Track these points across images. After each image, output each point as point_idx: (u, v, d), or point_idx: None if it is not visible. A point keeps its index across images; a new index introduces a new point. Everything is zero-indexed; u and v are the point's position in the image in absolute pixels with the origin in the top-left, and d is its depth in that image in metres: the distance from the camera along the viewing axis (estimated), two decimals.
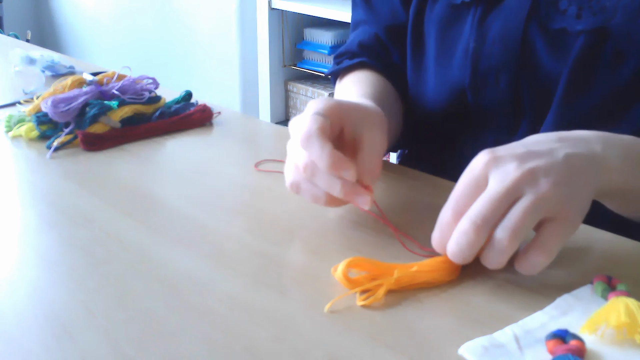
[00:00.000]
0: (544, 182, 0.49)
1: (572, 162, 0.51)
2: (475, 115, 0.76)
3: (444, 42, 0.77)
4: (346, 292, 0.50)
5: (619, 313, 0.44)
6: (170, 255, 0.56)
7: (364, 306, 0.49)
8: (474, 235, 0.49)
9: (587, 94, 0.67)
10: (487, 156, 0.51)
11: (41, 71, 1.03)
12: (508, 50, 0.70)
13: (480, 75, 0.73)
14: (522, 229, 0.48)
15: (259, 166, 0.73)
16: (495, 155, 0.51)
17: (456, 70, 0.75)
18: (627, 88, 0.66)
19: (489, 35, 0.71)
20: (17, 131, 0.81)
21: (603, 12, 0.65)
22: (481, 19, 0.72)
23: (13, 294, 0.51)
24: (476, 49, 0.72)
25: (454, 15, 0.75)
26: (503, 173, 0.50)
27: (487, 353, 0.43)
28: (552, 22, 0.67)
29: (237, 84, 2.79)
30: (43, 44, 3.07)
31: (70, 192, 0.68)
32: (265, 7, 2.55)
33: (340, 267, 0.51)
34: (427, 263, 0.52)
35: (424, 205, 0.65)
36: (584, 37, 0.66)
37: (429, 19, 0.79)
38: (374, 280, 0.50)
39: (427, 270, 0.51)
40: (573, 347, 0.42)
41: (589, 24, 0.65)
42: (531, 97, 0.72)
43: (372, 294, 0.50)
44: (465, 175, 0.52)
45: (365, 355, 0.44)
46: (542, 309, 0.48)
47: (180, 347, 0.45)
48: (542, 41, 0.69)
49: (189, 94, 0.91)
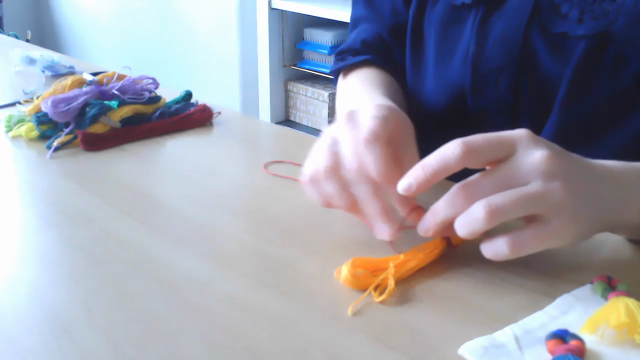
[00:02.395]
0: (558, 183, 0.48)
1: (598, 189, 0.50)
2: (474, 117, 0.76)
3: (444, 44, 0.77)
4: (363, 294, 0.50)
5: (619, 313, 0.44)
6: (170, 255, 0.56)
7: (366, 305, 0.49)
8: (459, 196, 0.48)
9: (588, 98, 0.67)
10: (526, 132, 0.50)
11: (41, 71, 1.03)
12: (508, 53, 0.70)
13: (480, 77, 0.73)
14: (506, 213, 0.47)
15: (268, 168, 0.72)
16: (534, 136, 0.50)
17: (456, 72, 0.75)
18: (628, 92, 0.66)
19: (490, 38, 0.71)
20: (17, 131, 0.81)
21: (605, 17, 0.64)
22: (482, 21, 0.72)
23: (13, 294, 0.51)
24: (476, 52, 0.72)
25: (454, 16, 0.75)
26: (529, 154, 0.49)
27: (487, 353, 0.43)
28: (554, 26, 0.67)
29: (237, 84, 2.79)
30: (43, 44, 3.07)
31: (70, 192, 0.68)
32: (265, 7, 2.55)
33: (344, 270, 0.51)
34: (414, 249, 0.54)
35: (421, 203, 0.65)
36: (585, 42, 0.65)
37: (429, 20, 0.78)
38: (376, 276, 0.51)
39: (417, 252, 0.53)
40: (573, 347, 0.42)
41: (591, 29, 0.65)
42: (531, 100, 0.71)
43: (382, 288, 0.50)
44: (495, 133, 0.50)
45: (365, 355, 0.44)
46: (542, 308, 0.48)
47: (180, 347, 0.45)
48: (543, 45, 0.68)
49: (189, 94, 0.91)
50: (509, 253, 0.48)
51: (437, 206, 0.50)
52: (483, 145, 0.49)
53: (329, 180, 0.55)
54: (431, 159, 0.50)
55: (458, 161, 0.49)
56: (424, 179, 0.50)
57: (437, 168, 0.49)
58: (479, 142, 0.49)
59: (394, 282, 0.50)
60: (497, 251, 0.48)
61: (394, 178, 0.52)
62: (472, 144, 0.49)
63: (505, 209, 0.47)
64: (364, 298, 0.49)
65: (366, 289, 0.50)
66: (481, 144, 0.49)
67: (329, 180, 0.55)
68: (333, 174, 0.55)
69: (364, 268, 0.51)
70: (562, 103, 0.68)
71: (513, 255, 0.48)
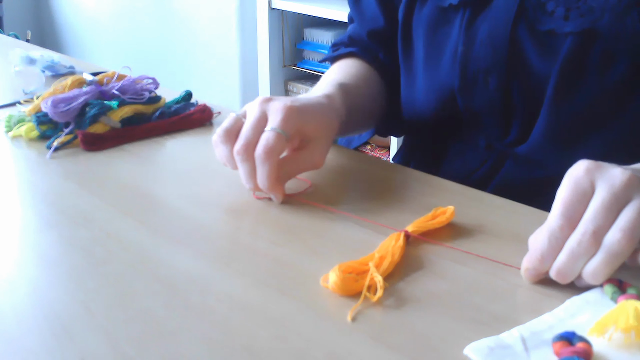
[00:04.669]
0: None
1: None
2: (465, 117, 0.76)
3: (432, 45, 0.77)
4: (354, 297, 0.50)
5: (628, 316, 0.43)
6: (170, 255, 0.56)
7: (366, 305, 0.49)
8: (589, 244, 0.47)
9: (577, 94, 0.67)
10: (587, 163, 0.50)
11: (41, 71, 1.03)
12: (496, 52, 0.70)
13: (469, 77, 0.73)
14: (637, 230, 0.47)
15: None
16: (596, 163, 0.50)
17: (445, 73, 0.76)
18: (616, 88, 0.66)
19: (477, 38, 0.71)
20: (17, 131, 0.81)
21: (590, 13, 0.65)
22: (469, 21, 0.72)
23: (13, 294, 0.51)
24: (465, 52, 0.72)
25: (441, 18, 0.76)
26: (610, 177, 0.49)
27: (492, 354, 0.43)
28: (540, 23, 0.67)
29: (237, 84, 2.79)
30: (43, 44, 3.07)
31: (70, 192, 0.68)
32: (265, 7, 2.55)
33: (332, 277, 0.50)
34: (381, 246, 0.55)
35: (417, 203, 0.65)
36: (572, 39, 0.66)
37: (417, 21, 0.79)
38: (363, 279, 0.51)
39: (385, 248, 0.54)
40: (579, 350, 0.42)
41: (577, 26, 0.65)
42: (521, 98, 0.72)
43: (374, 288, 0.50)
44: (569, 183, 0.50)
45: (365, 355, 0.44)
46: (543, 309, 0.48)
47: (180, 347, 0.45)
48: (531, 43, 0.69)
49: (189, 94, 0.91)
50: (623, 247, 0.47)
51: (563, 259, 0.49)
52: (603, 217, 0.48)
53: (225, 145, 0.64)
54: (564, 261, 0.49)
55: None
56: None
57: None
58: (600, 216, 0.48)
59: (382, 279, 0.50)
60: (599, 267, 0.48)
61: (276, 189, 0.63)
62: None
63: (636, 227, 0.47)
64: (361, 302, 0.49)
65: (355, 294, 0.50)
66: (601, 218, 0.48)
67: (225, 145, 0.64)
68: (227, 140, 0.64)
69: (349, 272, 0.51)
70: (551, 100, 0.68)
71: (627, 251, 0.47)
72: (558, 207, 0.49)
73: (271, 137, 0.61)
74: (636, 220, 0.47)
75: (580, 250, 0.48)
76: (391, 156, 1.79)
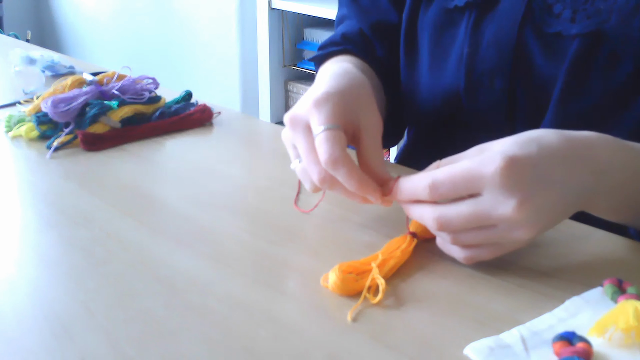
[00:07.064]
0: (523, 230, 0.50)
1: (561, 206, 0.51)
2: (469, 119, 0.76)
3: (438, 46, 0.77)
4: (354, 297, 0.50)
5: (628, 316, 0.43)
6: (170, 255, 0.56)
7: (366, 305, 0.49)
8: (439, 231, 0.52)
9: (583, 96, 0.67)
10: (503, 164, 0.49)
11: (41, 71, 1.03)
12: (502, 54, 0.70)
13: (474, 79, 0.73)
14: (479, 256, 0.53)
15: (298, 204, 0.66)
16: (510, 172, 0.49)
17: (450, 74, 0.75)
18: (622, 90, 0.66)
19: (484, 40, 0.71)
20: (17, 131, 0.81)
21: (597, 15, 0.64)
22: (475, 23, 0.72)
23: (13, 294, 0.51)
24: (471, 54, 0.72)
25: (447, 19, 0.75)
26: (500, 203, 0.49)
27: (492, 354, 0.43)
28: (547, 26, 0.67)
29: (237, 84, 2.79)
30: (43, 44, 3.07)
31: (70, 192, 0.68)
32: (265, 7, 2.55)
33: (332, 277, 0.50)
34: (387, 247, 0.55)
35: None
36: (579, 41, 0.65)
37: (422, 23, 0.78)
38: (364, 279, 0.51)
39: (391, 249, 0.54)
40: (579, 350, 0.42)
41: (584, 27, 0.65)
42: (526, 100, 0.71)
43: (374, 289, 0.50)
44: (462, 170, 0.50)
45: (365, 355, 0.44)
46: (544, 310, 0.48)
47: (180, 347, 0.45)
48: (537, 45, 0.68)
49: (189, 94, 0.91)
50: (461, 261, 0.53)
51: (414, 211, 0.53)
52: (449, 188, 0.50)
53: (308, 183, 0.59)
54: (403, 192, 0.54)
55: (426, 199, 0.52)
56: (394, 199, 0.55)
57: (405, 200, 0.54)
58: (445, 186, 0.50)
59: (384, 281, 0.50)
60: (451, 254, 0.54)
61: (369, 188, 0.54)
62: (439, 189, 0.51)
63: (479, 253, 0.52)
64: (361, 302, 0.49)
65: (355, 294, 0.50)
66: (448, 187, 0.50)
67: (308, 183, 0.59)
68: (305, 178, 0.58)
69: (349, 272, 0.51)
70: (556, 102, 0.68)
71: (465, 262, 0.53)
72: (441, 176, 0.51)
73: (324, 140, 0.54)
74: (484, 252, 0.52)
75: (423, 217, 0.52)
76: (392, 156, 1.80)
